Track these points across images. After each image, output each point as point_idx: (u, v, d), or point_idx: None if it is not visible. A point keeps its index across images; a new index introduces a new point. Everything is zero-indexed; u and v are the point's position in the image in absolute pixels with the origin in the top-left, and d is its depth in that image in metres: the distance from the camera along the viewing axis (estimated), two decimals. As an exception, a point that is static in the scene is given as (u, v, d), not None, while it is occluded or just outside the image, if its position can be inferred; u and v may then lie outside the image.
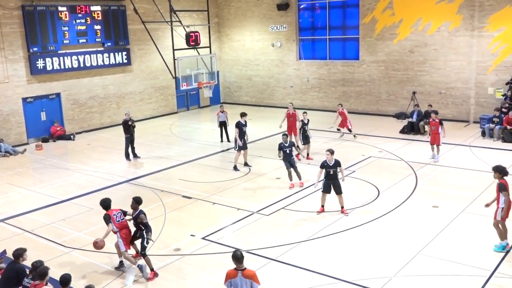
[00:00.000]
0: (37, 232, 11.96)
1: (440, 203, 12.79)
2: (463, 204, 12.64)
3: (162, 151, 19.30)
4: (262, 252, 10.43)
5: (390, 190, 13.87)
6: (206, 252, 10.60)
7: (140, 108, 26.02)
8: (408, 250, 10.28)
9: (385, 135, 20.43)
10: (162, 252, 10.68)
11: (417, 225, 11.50)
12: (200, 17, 27.87)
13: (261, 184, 14.88)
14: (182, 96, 28.13)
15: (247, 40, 28.96)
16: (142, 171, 16.79)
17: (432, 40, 22.72)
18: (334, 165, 12.14)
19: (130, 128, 17.98)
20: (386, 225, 11.58)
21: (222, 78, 30.34)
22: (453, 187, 13.97)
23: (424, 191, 13.71)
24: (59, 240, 11.43)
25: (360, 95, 25.39)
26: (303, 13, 27.05)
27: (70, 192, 14.85)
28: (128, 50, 24.83)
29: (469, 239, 10.69)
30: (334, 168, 12.13)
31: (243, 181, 15.15)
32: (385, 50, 24.18)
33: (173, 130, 23.38)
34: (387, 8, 23.77)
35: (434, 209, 12.43)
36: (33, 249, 10.51)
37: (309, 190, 13.94)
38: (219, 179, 15.36)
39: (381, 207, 12.64)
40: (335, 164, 12.15)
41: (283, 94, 28.16)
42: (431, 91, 23.12)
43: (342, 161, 16.01)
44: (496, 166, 10.19)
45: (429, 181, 14.60)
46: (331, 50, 26.34)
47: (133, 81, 25.62)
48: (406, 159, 16.83)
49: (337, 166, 12.16)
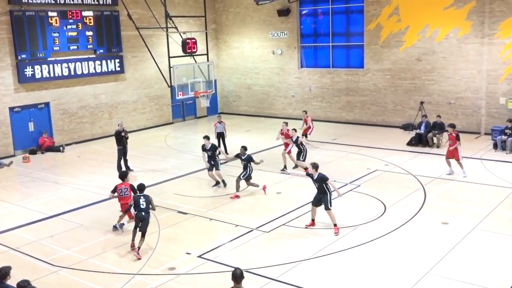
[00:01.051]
0: (23, 250, 11.87)
1: (451, 219, 12.73)
2: (475, 220, 12.57)
3: (157, 164, 19.24)
4: (262, 271, 10.35)
5: (397, 206, 13.81)
6: (203, 271, 10.52)
7: (133, 118, 26.02)
8: (417, 269, 10.20)
9: (392, 147, 20.41)
10: (156, 271, 10.60)
11: (426, 243, 11.43)
12: (197, 23, 27.99)
13: (261, 199, 14.82)
14: (177, 106, 28.15)
15: (246, 47, 29.06)
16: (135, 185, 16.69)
17: (440, 47, 22.80)
18: (317, 179, 12.07)
19: (123, 139, 17.95)
20: (393, 243, 11.51)
21: (220, 87, 30.40)
22: (464, 203, 13.92)
23: (433, 207, 13.65)
24: (47, 258, 11.35)
25: (365, 105, 25.41)
26: (305, 19, 27.17)
27: (58, 207, 14.77)
28: (121, 58, 24.89)
29: (482, 258, 10.61)
30: (318, 183, 12.07)
31: (242, 196, 15.08)
32: (391, 58, 24.26)
33: (168, 142, 23.36)
34: (393, 14, 23.89)
35: (444, 226, 12.37)
36: (18, 268, 10.42)
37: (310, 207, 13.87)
38: (216, 193, 15.30)
39: (387, 223, 12.58)
40: (318, 179, 12.05)
41: (284, 104, 28.18)
42: (440, 101, 23.15)
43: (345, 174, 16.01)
44: None
45: (439, 196, 14.55)
46: (335, 58, 26.42)
47: (126, 90, 25.65)
48: (414, 172, 16.78)
49: (322, 182, 12.01)
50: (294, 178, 16.50)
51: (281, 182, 16.36)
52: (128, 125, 24.29)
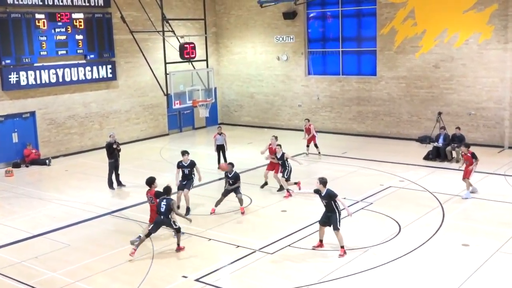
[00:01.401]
0: (5, 272, 11.88)
1: (471, 241, 12.70)
2: (498, 242, 12.55)
3: (151, 179, 19.30)
4: (265, 296, 10.34)
5: (413, 226, 13.81)
6: (200, 296, 10.52)
7: (126, 129, 26.12)
8: (435, 295, 10.18)
9: (407, 162, 20.43)
10: (149, 296, 10.59)
11: (444, 267, 11.41)
12: (196, 26, 28.19)
13: (264, 218, 14.83)
14: (174, 115, 28.26)
15: (249, 53, 29.22)
16: (127, 202, 16.77)
17: (460, 53, 22.89)
18: (325, 196, 12.09)
19: (115, 152, 18.01)
20: (408, 266, 11.48)
21: (220, 95, 30.52)
22: (486, 222, 13.90)
23: (453, 227, 13.64)
24: (31, 282, 11.35)
25: (378, 116, 25.47)
26: (312, 22, 27.34)
27: (44, 225, 14.80)
28: (114, 63, 25.06)
29: (506, 283, 10.58)
30: (326, 200, 12.08)
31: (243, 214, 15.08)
32: (406, 64, 24.36)
33: (164, 155, 23.42)
34: (408, 18, 24.03)
35: (464, 248, 12.35)
36: (0, 292, 10.43)
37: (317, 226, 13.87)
38: (216, 211, 15.31)
39: (402, 245, 12.56)
40: (326, 196, 12.07)
41: (289, 114, 28.27)
42: (459, 111, 23.20)
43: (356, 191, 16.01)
44: None
45: (458, 216, 14.54)
46: (345, 64, 26.53)
47: (119, 98, 25.78)
48: (431, 189, 16.78)
49: (330, 199, 12.02)
50: (299, 195, 16.50)
51: (286, 199, 16.36)
52: (120, 136, 24.38)
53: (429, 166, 19.84)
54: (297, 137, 25.86)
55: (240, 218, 14.77)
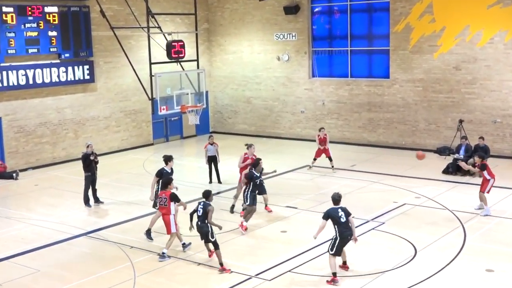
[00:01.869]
0: (-35, 301, 11.81)
1: (496, 266, 12.68)
2: (527, 267, 12.54)
3: (133, 195, 19.26)
4: (261, 329, 10.29)
5: (430, 248, 13.79)
6: (188, 329, 10.46)
7: (105, 138, 26.11)
8: (455, 328, 10.14)
9: (424, 176, 20.44)
10: (130, 328, 10.53)
11: (466, 296, 11.38)
12: (186, 22, 28.28)
13: (262, 239, 14.80)
14: (160, 123, 28.27)
15: (245, 52, 29.31)
16: (105, 221, 16.72)
17: (484, 54, 22.99)
18: (343, 210, 12.28)
19: (92, 164, 17.99)
20: (425, 295, 11.45)
21: (213, 100, 30.57)
22: (513, 245, 13.90)
23: (475, 250, 13.62)
24: (-6, 312, 11.28)
25: (391, 124, 25.53)
26: (318, 18, 27.46)
27: (10, 248, 14.72)
28: (92, 64, 25.09)
29: (536, 315, 10.55)
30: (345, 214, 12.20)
31: (238, 234, 15.07)
32: (423, 66, 24.45)
33: (148, 167, 23.38)
34: (426, 13, 24.15)
35: (488, 274, 12.33)
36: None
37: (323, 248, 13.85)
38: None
39: (419, 270, 12.53)
40: (344, 211, 12.26)
41: (291, 121, 28.31)
42: (483, 119, 23.26)
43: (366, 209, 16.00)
44: None
45: (482, 237, 14.53)
46: (354, 65, 26.64)
47: (97, 103, 25.79)
48: (451, 207, 16.78)
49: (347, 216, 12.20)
50: (302, 213, 16.49)
51: (286, 218, 16.34)
52: (99, 146, 24.37)
53: (449, 181, 19.85)
54: (299, 147, 25.89)
55: (234, 240, 14.72)
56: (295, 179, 17.29)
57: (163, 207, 13.76)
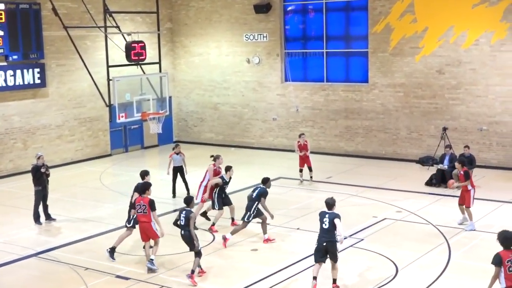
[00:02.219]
0: None
1: (482, 285, 12.82)
2: (515, 286, 12.73)
3: (88, 211, 19.12)
4: None
5: (412, 266, 13.90)
6: None
7: (57, 148, 25.89)
8: None
9: (406, 188, 20.64)
10: None
11: (450, 317, 11.52)
12: (147, 21, 28.23)
13: (230, 258, 14.80)
14: (118, 131, 28.13)
15: (212, 54, 29.35)
16: (58, 240, 16.57)
17: (469, 56, 23.34)
18: (330, 216, 12.45)
19: (43, 177, 17.83)
20: (407, 317, 11.57)
21: (177, 107, 30.51)
22: (500, 262, 14.10)
23: (461, 268, 13.79)
24: None
25: (370, 132, 25.75)
26: (291, 17, 27.63)
27: (-49, 270, 14.52)
28: (43, 66, 24.89)
29: (524, 337, 10.70)
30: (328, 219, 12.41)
31: (204, 253, 15.03)
32: (404, 69, 24.73)
33: (105, 181, 23.24)
34: (407, 13, 24.44)
35: (474, 294, 12.49)
36: None
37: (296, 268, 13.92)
38: (169, 251, 15.21)
39: (400, 291, 12.65)
40: (331, 217, 12.43)
41: (262, 130, 28.39)
42: (468, 126, 23.58)
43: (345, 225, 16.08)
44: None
45: (467, 254, 14.71)
46: (330, 68, 26.83)
47: (49, 110, 25.58)
48: (434, 222, 16.95)
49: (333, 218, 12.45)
50: (275, 229, 16.54)
51: (257, 235, 16.36)
52: (50, 158, 24.16)
53: (432, 194, 20.07)
54: (271, 157, 25.95)
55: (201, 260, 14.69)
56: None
57: (143, 215, 13.85)
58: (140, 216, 13.96)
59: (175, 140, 30.11)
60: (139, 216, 14.01)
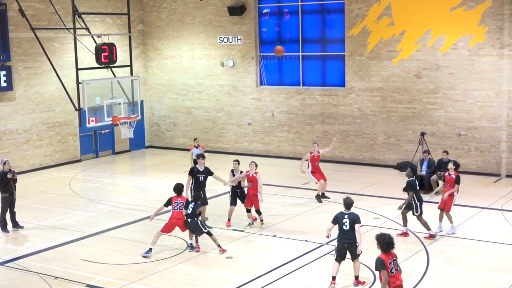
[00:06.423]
0: None
1: (462, 292, 12.99)
2: (494, 293, 12.90)
3: (57, 219, 19.00)
4: None
5: (390, 274, 14.03)
6: None
7: (25, 154, 25.69)
8: None
9: (383, 195, 20.80)
10: None
11: (429, 325, 11.62)
12: (117, 23, 28.15)
13: (204, 267, 14.80)
14: (88, 136, 27.98)
15: (185, 57, 29.33)
16: (25, 248, 16.44)
17: (447, 60, 23.59)
18: (349, 217, 12.91)
19: (10, 183, 17.70)
20: (385, 325, 11.63)
21: (148, 111, 30.44)
22: (480, 269, 14.22)
23: (439, 275, 13.91)
24: None
25: (347, 137, 25.90)
26: (266, 20, 27.69)
27: None
28: (9, 69, 24.70)
29: None
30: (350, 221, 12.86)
31: (177, 262, 15.04)
32: (381, 73, 24.92)
33: (74, 187, 23.10)
34: (384, 15, 24.64)
35: (453, 301, 12.64)
36: None
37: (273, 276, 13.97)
38: (142, 259, 15.19)
39: (378, 298, 12.74)
40: (351, 218, 12.90)
41: (237, 135, 28.41)
42: (447, 132, 23.83)
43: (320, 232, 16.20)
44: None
45: (446, 261, 14.85)
46: (306, 72, 26.95)
47: (15, 114, 25.37)
48: (413, 228, 17.07)
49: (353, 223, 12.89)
50: (249, 236, 16.56)
51: (232, 243, 16.39)
52: (17, 163, 23.97)
53: (410, 200, 20.26)
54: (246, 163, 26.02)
55: (172, 268, 14.68)
56: (241, 199, 17.50)
57: (179, 212, 15.50)
58: (177, 213, 15.49)
59: (147, 145, 30.03)
60: (175, 213, 15.51)
